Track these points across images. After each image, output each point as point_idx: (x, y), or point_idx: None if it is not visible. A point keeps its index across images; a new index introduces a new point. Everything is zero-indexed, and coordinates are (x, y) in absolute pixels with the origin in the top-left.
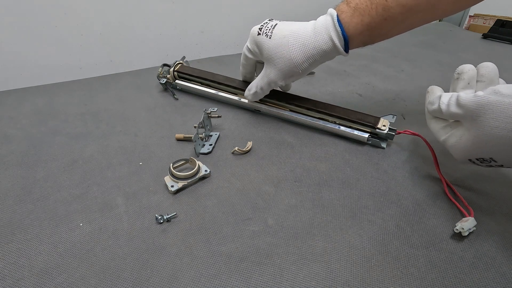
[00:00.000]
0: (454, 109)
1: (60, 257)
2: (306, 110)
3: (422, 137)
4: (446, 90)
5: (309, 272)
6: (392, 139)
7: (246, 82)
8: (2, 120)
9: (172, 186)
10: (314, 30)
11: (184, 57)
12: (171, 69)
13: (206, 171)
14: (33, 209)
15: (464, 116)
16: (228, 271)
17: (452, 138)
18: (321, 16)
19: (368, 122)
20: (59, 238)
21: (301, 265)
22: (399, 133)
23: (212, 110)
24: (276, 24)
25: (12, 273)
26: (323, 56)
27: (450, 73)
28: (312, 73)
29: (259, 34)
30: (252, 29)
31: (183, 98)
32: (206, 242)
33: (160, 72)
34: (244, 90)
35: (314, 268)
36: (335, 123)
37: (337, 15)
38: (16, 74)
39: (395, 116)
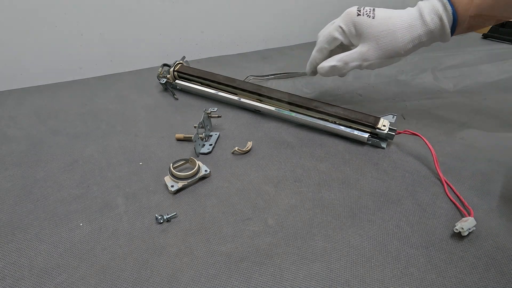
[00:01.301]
0: None
1: (60, 257)
2: (306, 110)
3: (422, 137)
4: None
5: (309, 272)
6: (392, 139)
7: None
8: (2, 120)
9: (172, 186)
10: (420, 11)
11: (184, 57)
12: (171, 69)
13: (206, 171)
14: (33, 209)
15: None
16: (228, 271)
17: None
18: (421, 1)
19: (368, 122)
20: (59, 238)
21: (301, 265)
22: (399, 133)
23: (212, 110)
24: (374, 8)
25: (12, 273)
26: (430, 37)
27: (450, 73)
28: None
29: (358, 15)
30: (346, 11)
31: (183, 98)
32: (206, 242)
33: (160, 72)
34: (244, 90)
35: (314, 268)
36: (335, 123)
37: None
38: (16, 74)
39: (395, 116)
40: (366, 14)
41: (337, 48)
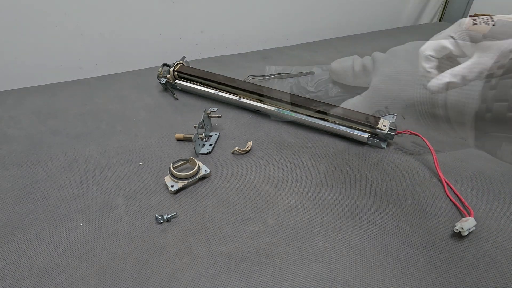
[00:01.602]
0: None
1: (60, 257)
2: (306, 110)
3: (422, 137)
4: None
5: (309, 272)
6: (392, 139)
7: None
8: (2, 120)
9: (172, 186)
10: None
11: (184, 57)
12: (171, 69)
13: (206, 171)
14: (33, 209)
15: None
16: (228, 271)
17: None
18: None
19: (368, 122)
20: (59, 238)
21: (301, 265)
22: (399, 133)
23: (212, 110)
24: (491, 16)
25: (12, 273)
26: None
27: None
28: (312, 72)
29: (474, 23)
30: (458, 21)
31: (183, 98)
32: (206, 242)
33: (160, 72)
34: (244, 90)
35: (314, 268)
36: (335, 123)
37: None
38: (16, 74)
39: (395, 116)
40: (484, 22)
41: (442, 59)
